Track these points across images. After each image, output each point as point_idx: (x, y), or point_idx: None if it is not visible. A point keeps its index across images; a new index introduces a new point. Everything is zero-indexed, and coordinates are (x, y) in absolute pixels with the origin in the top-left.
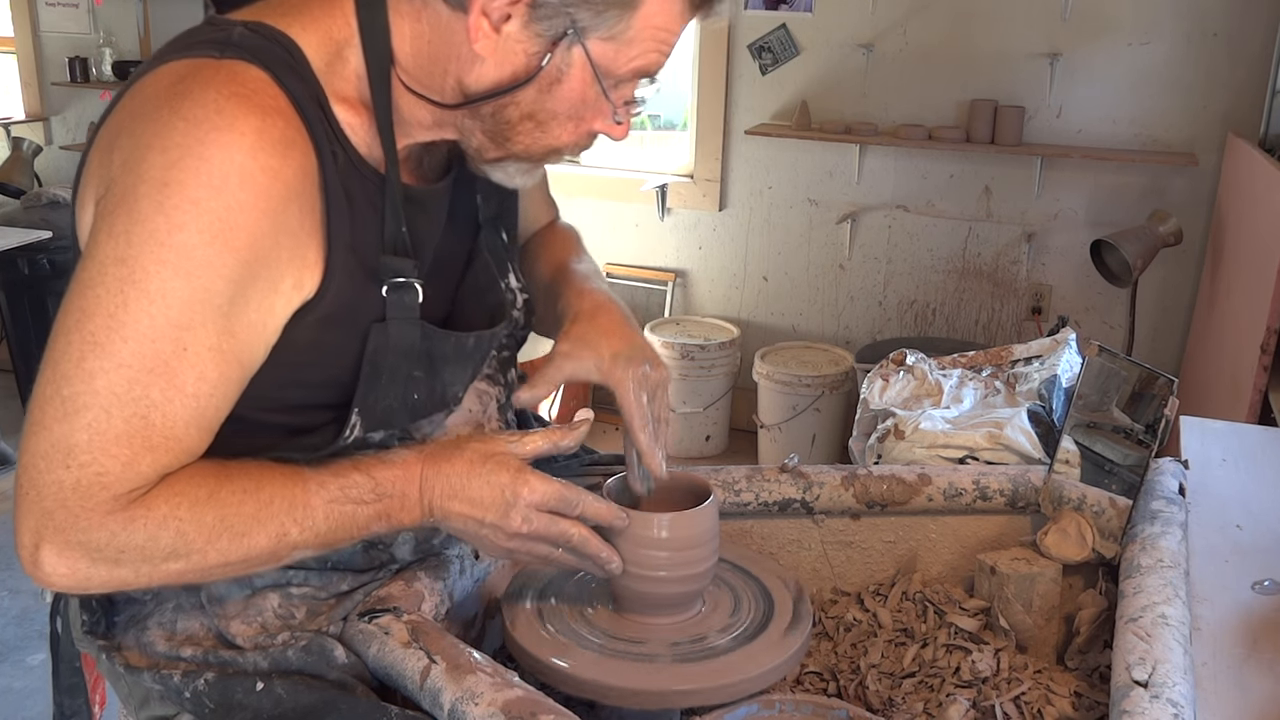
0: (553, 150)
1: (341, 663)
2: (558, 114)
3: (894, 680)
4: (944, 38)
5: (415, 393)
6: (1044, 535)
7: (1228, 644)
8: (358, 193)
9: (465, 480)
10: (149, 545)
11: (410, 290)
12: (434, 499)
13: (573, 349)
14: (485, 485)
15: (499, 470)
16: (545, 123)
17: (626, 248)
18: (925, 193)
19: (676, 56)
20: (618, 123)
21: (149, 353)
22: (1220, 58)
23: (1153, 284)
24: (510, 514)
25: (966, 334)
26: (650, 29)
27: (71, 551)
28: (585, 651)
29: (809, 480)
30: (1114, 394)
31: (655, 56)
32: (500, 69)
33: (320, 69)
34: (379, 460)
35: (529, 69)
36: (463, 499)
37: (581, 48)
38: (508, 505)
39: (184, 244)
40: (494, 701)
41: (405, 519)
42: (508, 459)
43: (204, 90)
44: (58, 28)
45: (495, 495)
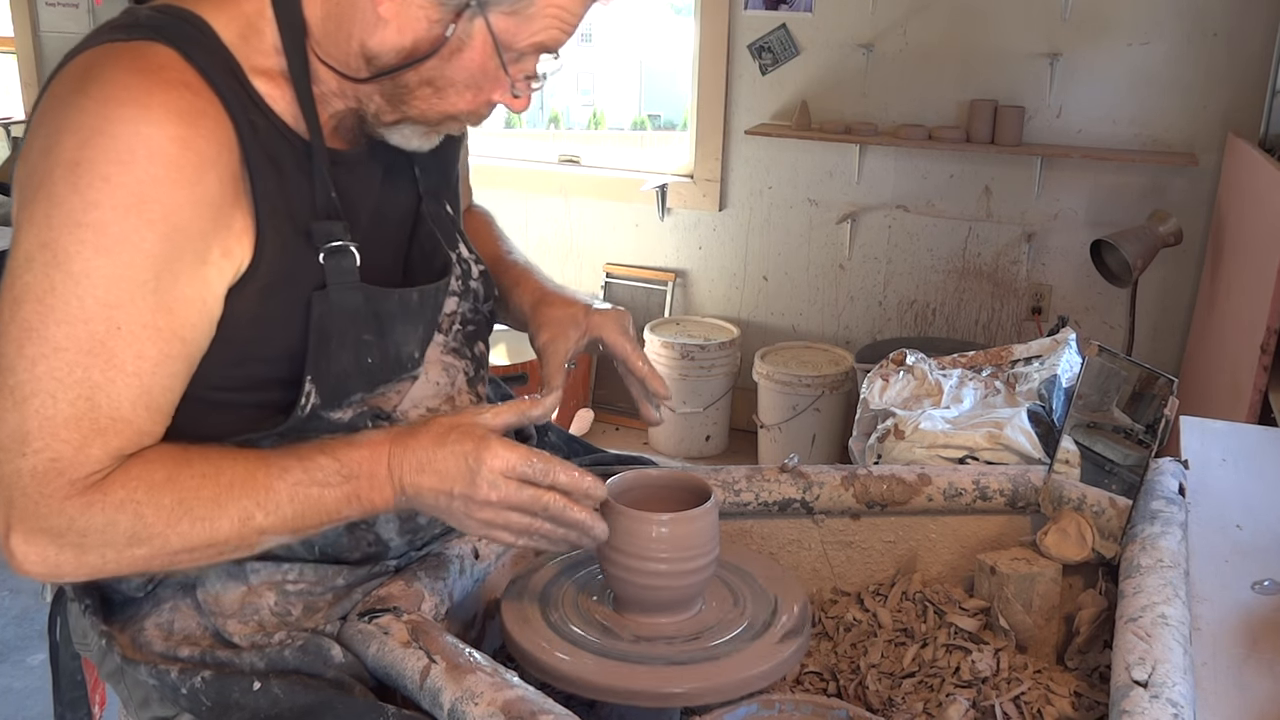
0: (449, 116)
1: (339, 662)
2: (456, 82)
3: (894, 680)
4: (944, 38)
5: (368, 356)
6: (1044, 535)
7: (1228, 644)
8: (287, 160)
9: (431, 453)
10: (108, 529)
11: (347, 254)
12: (403, 475)
13: (552, 332)
14: (450, 455)
15: (463, 439)
16: (443, 89)
17: (626, 248)
18: (925, 193)
19: (677, 56)
20: (516, 96)
21: (83, 334)
22: (1220, 58)
23: (1153, 284)
24: (477, 481)
25: (966, 334)
26: (553, 6)
27: (37, 538)
28: (585, 651)
29: (809, 480)
30: (1114, 394)
31: (556, 33)
32: (402, 35)
33: (233, 43)
34: (346, 442)
35: (432, 38)
36: (430, 472)
37: (484, 19)
38: (472, 472)
39: (100, 221)
40: (494, 701)
41: (377, 500)
42: (473, 428)
43: (111, 71)
44: (58, 28)
45: (460, 464)
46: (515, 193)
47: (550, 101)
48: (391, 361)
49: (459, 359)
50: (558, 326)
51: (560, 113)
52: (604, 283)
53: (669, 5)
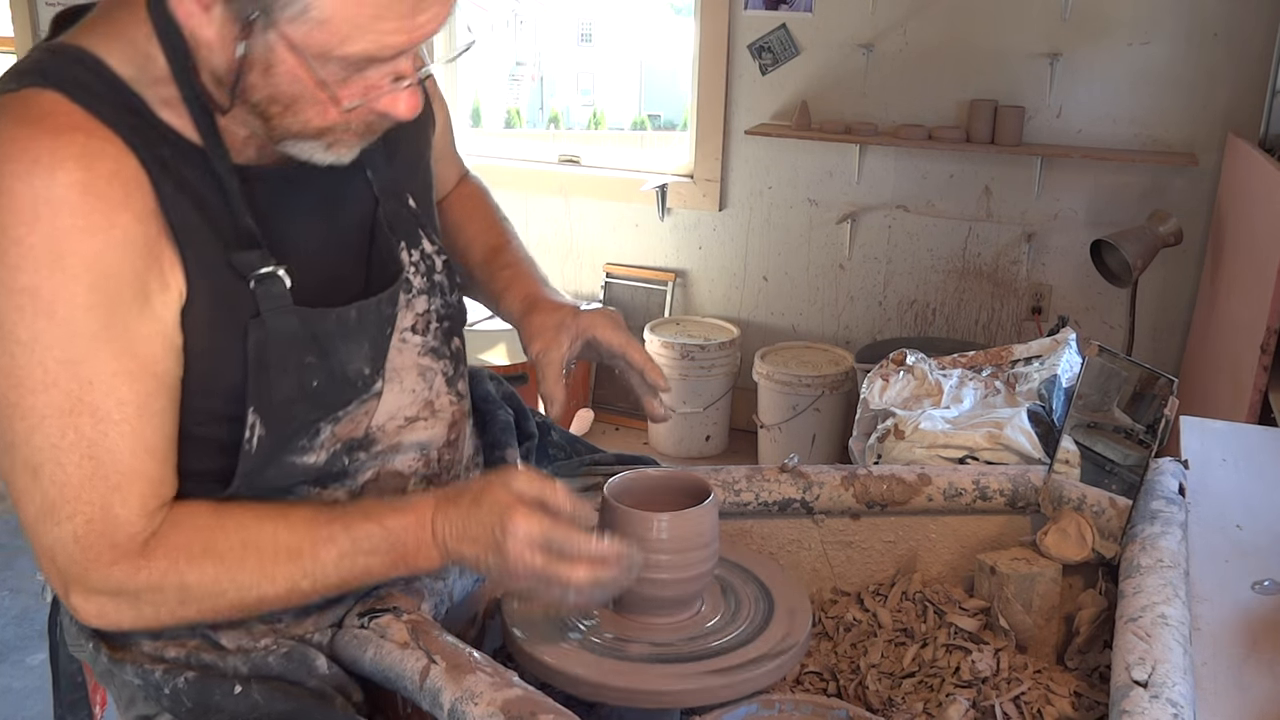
0: (323, 130)
1: (322, 673)
2: (296, 98)
3: (894, 680)
4: (944, 38)
5: (313, 379)
6: (1044, 535)
7: (1228, 644)
8: (207, 189)
9: (465, 522)
10: (157, 594)
11: (276, 280)
12: (447, 541)
13: (544, 341)
14: (479, 525)
15: (490, 510)
16: (291, 106)
17: (626, 248)
18: (925, 193)
19: (677, 56)
20: (348, 111)
21: (58, 397)
22: (1220, 58)
23: (1153, 284)
24: (504, 551)
25: (966, 334)
26: (352, 11)
27: (94, 596)
28: (585, 651)
29: (809, 480)
30: (1114, 394)
31: (384, 41)
32: (225, 53)
33: (132, 76)
34: (391, 507)
35: (236, 57)
36: (467, 540)
37: (277, 32)
38: (498, 544)
39: (30, 285)
40: (493, 701)
41: (423, 564)
42: (503, 497)
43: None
44: None
45: (488, 535)
46: (515, 193)
47: (550, 101)
48: (339, 382)
49: (437, 359)
50: (549, 334)
51: (560, 113)
52: (604, 283)
53: (669, 5)
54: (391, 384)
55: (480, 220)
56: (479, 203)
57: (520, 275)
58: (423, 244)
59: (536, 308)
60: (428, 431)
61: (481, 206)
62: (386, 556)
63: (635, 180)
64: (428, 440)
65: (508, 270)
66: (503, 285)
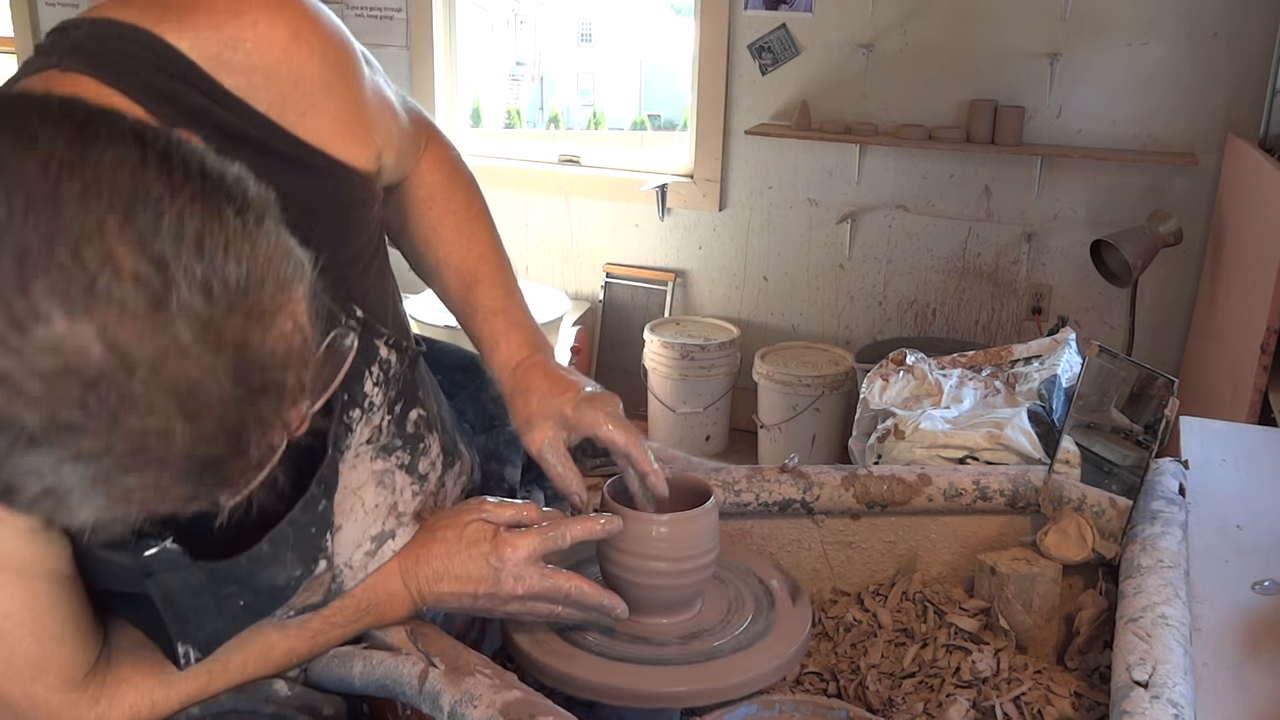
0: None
1: (281, 696)
2: None
3: (894, 680)
4: (944, 38)
5: (238, 600)
6: (1044, 535)
7: (1228, 644)
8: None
9: (447, 561)
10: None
11: (164, 552)
12: (420, 588)
13: (541, 434)
14: (468, 559)
15: (478, 541)
16: None
17: (626, 248)
18: (925, 193)
19: (677, 56)
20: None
21: None
22: (1220, 58)
23: (1153, 284)
24: (501, 579)
25: (966, 334)
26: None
27: None
28: (585, 652)
29: (809, 480)
30: (1114, 394)
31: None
32: None
33: None
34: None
35: None
36: (450, 579)
37: None
38: (496, 572)
39: None
40: (493, 704)
41: (394, 616)
42: (483, 527)
43: None
44: None
45: (481, 566)
46: (515, 193)
47: (550, 101)
48: (266, 597)
49: (388, 456)
50: (546, 427)
51: (560, 113)
52: (604, 283)
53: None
54: (349, 514)
55: (450, 230)
56: (446, 203)
57: (507, 327)
58: (378, 351)
59: (529, 386)
60: (403, 536)
61: (450, 207)
62: (360, 623)
63: (635, 180)
64: (401, 543)
65: (492, 320)
66: (487, 338)
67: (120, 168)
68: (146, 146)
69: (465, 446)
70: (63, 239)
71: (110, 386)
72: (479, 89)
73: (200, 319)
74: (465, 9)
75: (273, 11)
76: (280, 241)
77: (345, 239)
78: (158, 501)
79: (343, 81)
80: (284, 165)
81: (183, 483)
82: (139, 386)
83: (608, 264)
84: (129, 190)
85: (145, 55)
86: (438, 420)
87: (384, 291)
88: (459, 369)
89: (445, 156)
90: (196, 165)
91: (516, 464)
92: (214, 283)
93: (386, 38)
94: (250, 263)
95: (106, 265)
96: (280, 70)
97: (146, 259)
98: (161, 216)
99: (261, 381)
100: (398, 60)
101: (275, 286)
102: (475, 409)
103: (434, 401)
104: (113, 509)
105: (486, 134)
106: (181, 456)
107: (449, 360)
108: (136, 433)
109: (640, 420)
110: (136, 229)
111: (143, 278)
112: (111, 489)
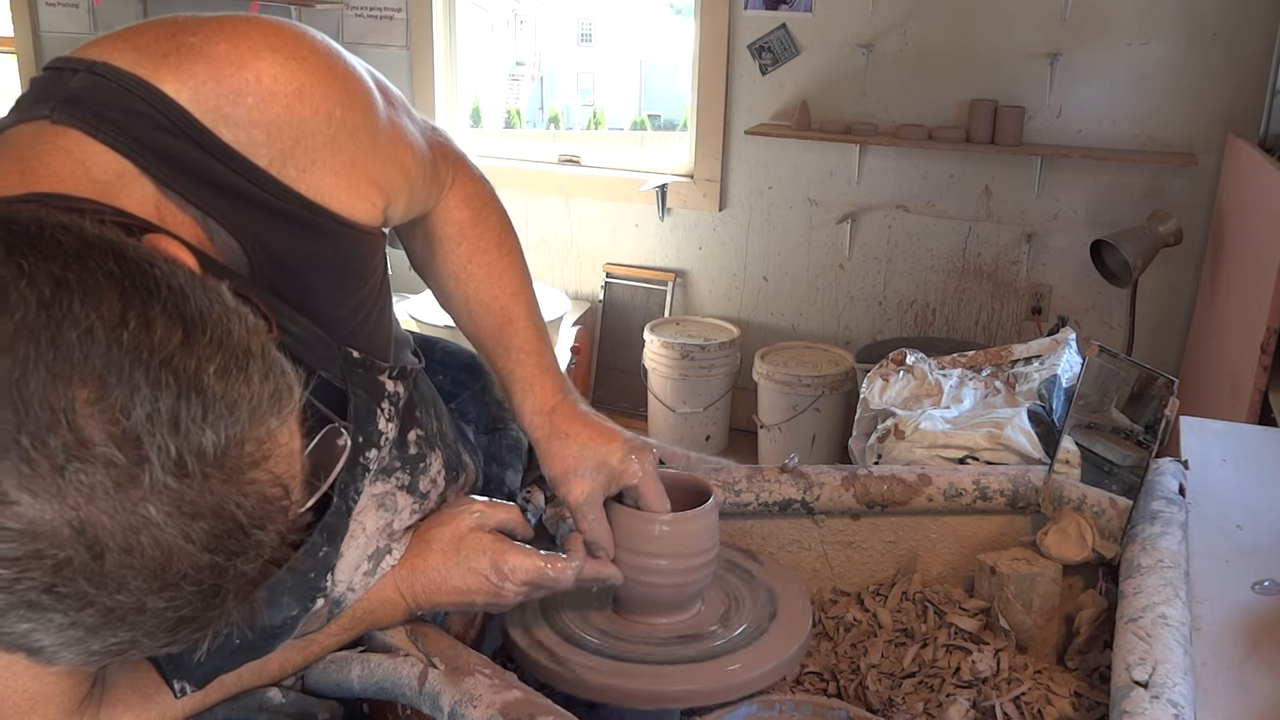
0: None
1: (275, 704)
2: None
3: (894, 680)
4: (944, 38)
5: (236, 639)
6: (1044, 535)
7: (1228, 644)
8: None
9: (444, 574)
10: None
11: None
12: (416, 596)
13: (582, 486)
14: (467, 574)
15: (476, 555)
16: None
17: (626, 248)
18: (925, 193)
19: (677, 56)
20: None
21: None
22: (1220, 58)
23: (1153, 284)
24: (502, 593)
25: (966, 334)
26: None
27: None
28: (585, 652)
29: (809, 480)
30: (1114, 394)
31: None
32: None
33: None
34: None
35: None
36: (447, 590)
37: None
38: (496, 587)
39: None
40: (493, 704)
41: (390, 621)
42: (479, 539)
43: None
44: (58, 28)
45: (480, 582)
46: (515, 193)
47: (550, 101)
48: (262, 636)
49: (388, 478)
50: (588, 479)
51: (560, 113)
52: (604, 283)
53: (669, 5)
54: (350, 541)
55: (480, 268)
56: (476, 241)
57: (541, 372)
58: (385, 387)
59: (568, 433)
60: (399, 550)
61: (480, 245)
62: (353, 631)
63: (635, 180)
64: (398, 556)
65: (526, 361)
66: (520, 380)
67: (93, 335)
68: (126, 300)
69: (469, 455)
70: (27, 425)
71: (78, 569)
72: (479, 89)
73: (172, 494)
74: (465, 9)
75: (279, 65)
76: (265, 384)
77: (346, 291)
78: (135, 654)
79: (349, 135)
80: (284, 222)
81: (159, 638)
82: (110, 566)
83: (608, 264)
84: (102, 361)
85: (141, 108)
86: (438, 436)
87: (383, 326)
88: (462, 369)
89: (475, 192)
90: (179, 312)
91: (518, 468)
92: (188, 457)
93: (386, 38)
94: (229, 427)
95: (73, 448)
96: (282, 126)
97: (117, 439)
98: (136, 390)
99: (239, 545)
100: (398, 60)
101: (255, 442)
102: (478, 409)
103: (433, 417)
104: (88, 661)
105: (486, 134)
106: (156, 622)
107: (452, 360)
108: (107, 609)
109: (640, 420)
110: (108, 405)
111: (112, 459)
112: (82, 649)
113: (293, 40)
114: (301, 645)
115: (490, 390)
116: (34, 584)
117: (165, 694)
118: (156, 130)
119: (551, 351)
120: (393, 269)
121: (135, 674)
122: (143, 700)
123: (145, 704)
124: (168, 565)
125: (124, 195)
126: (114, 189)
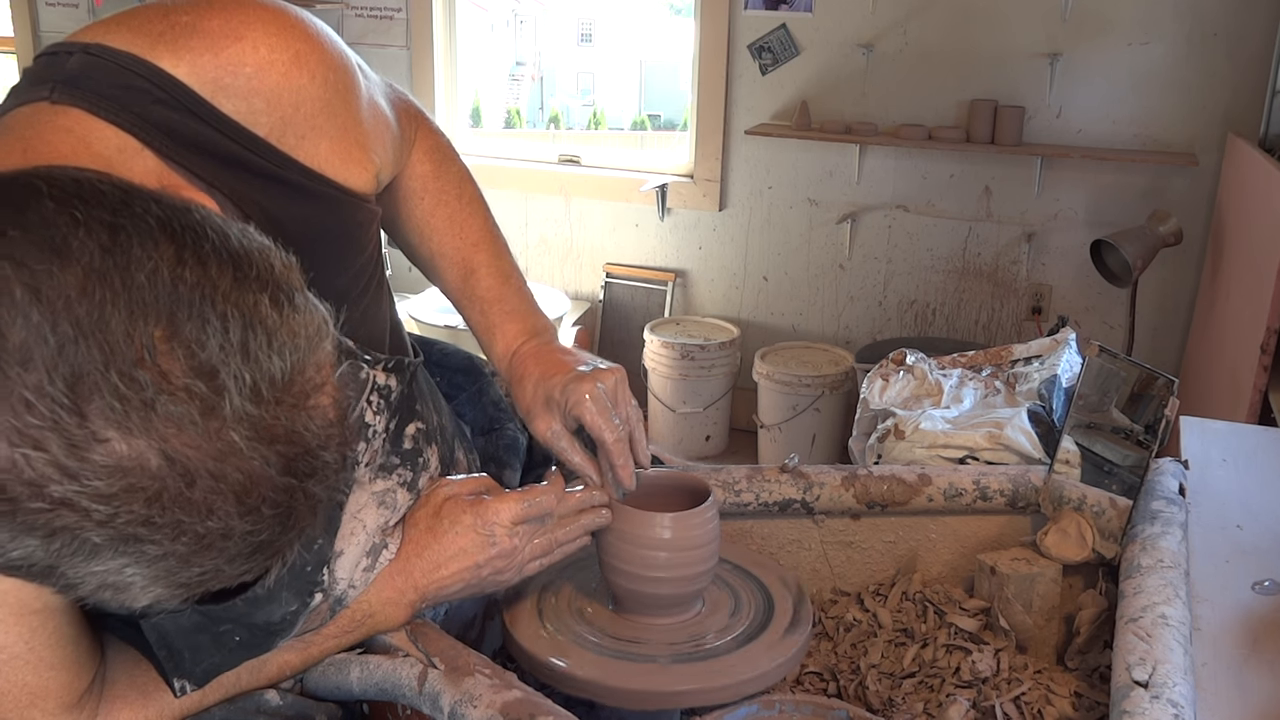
0: None
1: (273, 706)
2: None
3: (894, 680)
4: (944, 38)
5: (236, 636)
6: (1044, 535)
7: (1228, 644)
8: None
9: (436, 547)
10: None
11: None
12: (416, 584)
13: (545, 422)
14: (455, 535)
15: (457, 516)
16: None
17: (626, 248)
18: (925, 193)
19: (677, 56)
20: None
21: None
22: (1220, 58)
23: (1153, 284)
24: (496, 540)
25: (966, 334)
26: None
27: None
28: (585, 652)
29: (809, 480)
30: (1114, 394)
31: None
32: None
33: None
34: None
35: None
36: (446, 560)
37: None
38: (488, 537)
39: None
40: (493, 704)
41: (392, 623)
42: (456, 502)
43: None
44: (58, 28)
45: (470, 537)
46: (515, 193)
47: (550, 101)
48: (262, 633)
49: (388, 475)
50: (546, 415)
51: (560, 113)
52: (604, 283)
53: (669, 5)
54: (350, 539)
55: (443, 220)
56: (438, 194)
57: (503, 317)
58: (374, 379)
59: (524, 374)
60: (394, 544)
61: (442, 198)
62: (356, 633)
63: (635, 180)
64: (395, 548)
65: (489, 310)
66: (484, 330)
67: (158, 276)
68: (178, 242)
69: (465, 453)
70: (115, 363)
71: (172, 499)
72: (479, 89)
73: (251, 420)
74: (465, 9)
75: (274, 35)
76: (309, 313)
77: (346, 260)
78: (215, 584)
79: (342, 102)
80: (285, 190)
81: (238, 564)
82: (199, 494)
83: (608, 264)
84: (170, 299)
85: (139, 84)
86: (437, 431)
87: (381, 307)
88: (459, 371)
89: (435, 144)
90: (226, 250)
91: (516, 468)
92: (262, 384)
93: (386, 38)
94: (292, 354)
95: (159, 383)
96: (281, 94)
97: (195, 371)
98: (206, 323)
99: (310, 467)
100: (398, 60)
101: (314, 368)
102: (475, 411)
103: (433, 412)
104: (171, 595)
105: (486, 134)
106: (239, 546)
107: (450, 362)
108: (198, 535)
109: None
110: (183, 340)
111: (194, 390)
112: (171, 581)
113: (280, 13)
114: (300, 647)
115: (487, 392)
116: (132, 517)
117: (164, 692)
118: (155, 104)
119: (520, 294)
120: (393, 269)
121: (135, 671)
122: (142, 697)
123: (144, 701)
124: (250, 489)
125: (127, 169)
126: (117, 164)
